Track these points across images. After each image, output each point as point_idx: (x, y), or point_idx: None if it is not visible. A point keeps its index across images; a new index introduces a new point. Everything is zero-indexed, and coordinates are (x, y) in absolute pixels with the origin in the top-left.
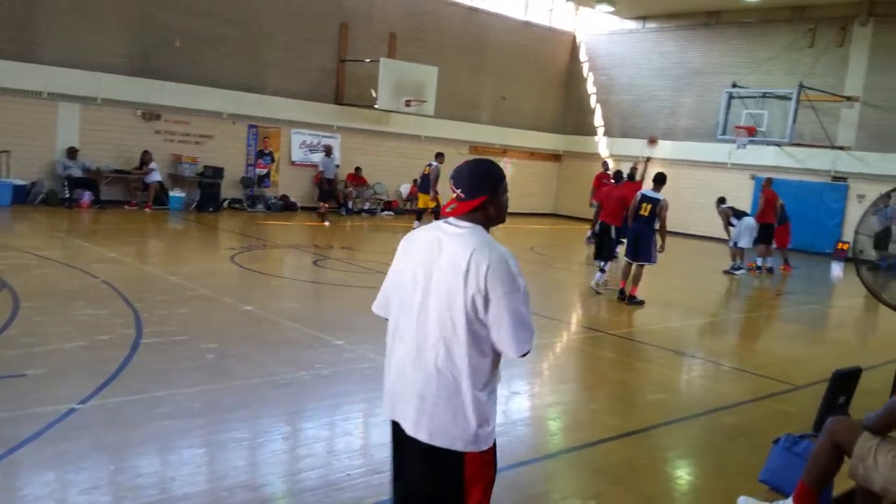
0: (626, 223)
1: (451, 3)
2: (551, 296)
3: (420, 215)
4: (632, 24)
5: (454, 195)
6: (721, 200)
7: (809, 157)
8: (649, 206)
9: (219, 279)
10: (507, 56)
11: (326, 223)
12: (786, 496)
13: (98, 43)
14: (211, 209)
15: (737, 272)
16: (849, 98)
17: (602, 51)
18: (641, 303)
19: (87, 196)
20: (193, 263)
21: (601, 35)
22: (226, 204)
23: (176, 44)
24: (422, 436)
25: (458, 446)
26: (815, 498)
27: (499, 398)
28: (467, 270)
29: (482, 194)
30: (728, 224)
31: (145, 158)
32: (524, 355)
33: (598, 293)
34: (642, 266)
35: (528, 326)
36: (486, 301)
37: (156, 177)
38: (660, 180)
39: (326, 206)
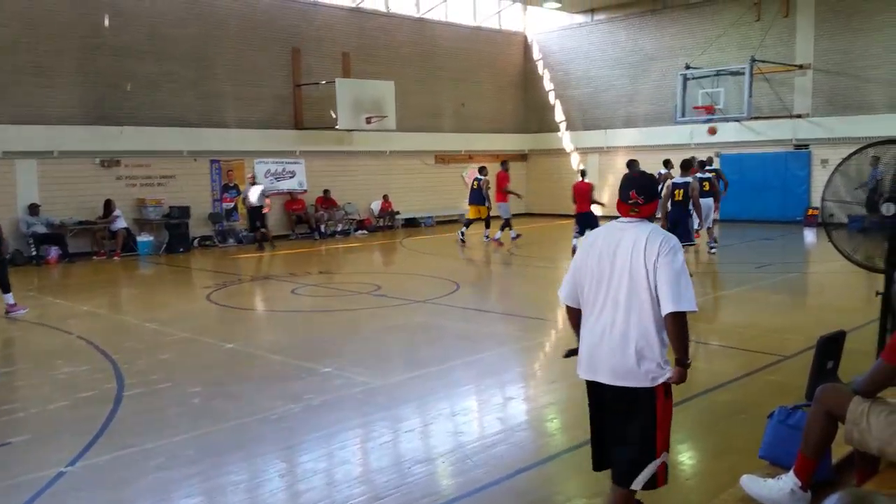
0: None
1: (399, 17)
2: (534, 296)
3: (468, 224)
4: (581, 18)
5: (632, 201)
6: (701, 164)
7: (770, 129)
8: (681, 191)
9: (197, 320)
10: (462, 63)
11: (264, 251)
12: (787, 469)
13: (49, 96)
14: (181, 249)
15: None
16: (800, 66)
17: (555, 47)
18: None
19: (53, 251)
20: (169, 307)
21: (552, 32)
22: (196, 242)
23: (127, 88)
24: (631, 382)
25: (658, 381)
26: (815, 467)
27: (494, 406)
28: (645, 248)
29: (656, 198)
30: None
31: (109, 206)
32: (685, 314)
33: None
34: (689, 246)
35: (687, 289)
36: (656, 269)
37: (121, 223)
38: (686, 166)
39: (257, 233)
